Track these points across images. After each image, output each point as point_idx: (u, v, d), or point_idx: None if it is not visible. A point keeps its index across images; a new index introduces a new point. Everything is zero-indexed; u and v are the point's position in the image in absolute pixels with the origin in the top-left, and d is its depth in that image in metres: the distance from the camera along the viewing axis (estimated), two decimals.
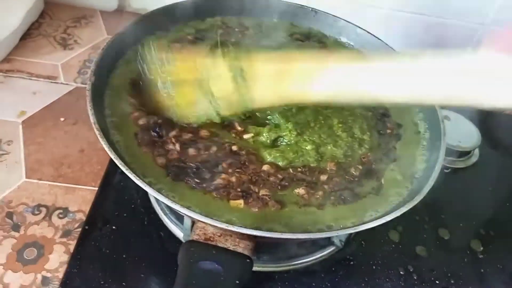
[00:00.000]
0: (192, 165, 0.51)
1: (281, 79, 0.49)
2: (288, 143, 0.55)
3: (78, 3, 1.00)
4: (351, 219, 0.49)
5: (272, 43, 0.69)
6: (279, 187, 0.51)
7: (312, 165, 0.54)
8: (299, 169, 0.53)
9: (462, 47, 0.43)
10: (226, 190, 0.49)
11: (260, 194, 0.49)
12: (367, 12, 0.96)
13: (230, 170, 0.51)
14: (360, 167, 0.55)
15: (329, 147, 0.56)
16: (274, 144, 0.56)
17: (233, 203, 0.48)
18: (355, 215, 0.50)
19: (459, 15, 0.97)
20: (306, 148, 0.55)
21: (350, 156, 0.56)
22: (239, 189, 0.49)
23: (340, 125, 0.58)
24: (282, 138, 0.56)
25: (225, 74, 0.49)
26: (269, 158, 0.54)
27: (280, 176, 0.52)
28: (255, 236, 0.42)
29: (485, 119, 0.90)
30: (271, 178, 0.51)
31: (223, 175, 0.50)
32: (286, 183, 0.51)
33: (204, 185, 0.49)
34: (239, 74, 0.49)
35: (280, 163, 0.53)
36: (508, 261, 0.67)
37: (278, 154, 0.54)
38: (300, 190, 0.51)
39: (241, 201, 0.48)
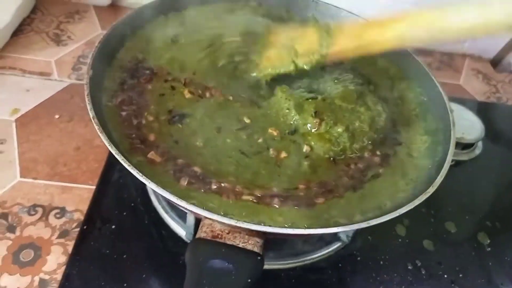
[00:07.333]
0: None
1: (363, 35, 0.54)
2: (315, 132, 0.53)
3: None
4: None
5: None
6: None
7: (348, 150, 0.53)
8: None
9: None
10: None
11: None
12: (365, 3, 0.94)
13: None
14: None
15: (356, 124, 0.54)
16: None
17: None
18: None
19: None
20: (338, 130, 0.52)
21: (377, 129, 0.55)
22: None
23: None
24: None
25: (311, 35, 0.56)
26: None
27: None
28: (264, 233, 0.40)
29: (488, 111, 0.90)
30: None
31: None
32: None
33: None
34: (326, 31, 0.55)
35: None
36: None
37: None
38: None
39: None
